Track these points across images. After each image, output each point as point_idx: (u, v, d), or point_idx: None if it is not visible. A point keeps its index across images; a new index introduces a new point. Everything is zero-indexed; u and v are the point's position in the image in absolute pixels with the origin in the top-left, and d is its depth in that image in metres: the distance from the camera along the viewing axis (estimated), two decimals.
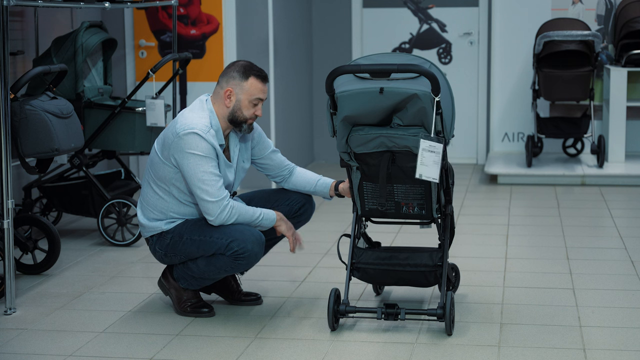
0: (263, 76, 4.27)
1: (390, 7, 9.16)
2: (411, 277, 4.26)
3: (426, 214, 4.22)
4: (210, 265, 4.25)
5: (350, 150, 4.14)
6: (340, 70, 3.99)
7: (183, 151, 4.14)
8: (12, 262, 4.49)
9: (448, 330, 4.11)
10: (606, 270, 5.21)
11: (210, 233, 4.20)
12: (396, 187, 4.17)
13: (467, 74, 9.11)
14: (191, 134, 4.13)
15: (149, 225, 4.33)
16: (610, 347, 3.98)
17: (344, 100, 4.02)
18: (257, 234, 4.20)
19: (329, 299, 4.15)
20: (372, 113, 4.02)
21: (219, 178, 4.17)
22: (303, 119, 8.86)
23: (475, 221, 6.42)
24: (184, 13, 7.21)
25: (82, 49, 5.77)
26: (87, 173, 5.81)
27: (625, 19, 8.26)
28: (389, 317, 4.15)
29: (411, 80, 3.97)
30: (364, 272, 4.29)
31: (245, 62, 4.29)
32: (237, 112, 4.24)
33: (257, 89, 4.24)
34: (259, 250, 4.20)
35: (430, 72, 3.90)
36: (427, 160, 3.97)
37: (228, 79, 4.25)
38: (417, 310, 4.19)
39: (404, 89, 3.93)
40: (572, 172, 7.96)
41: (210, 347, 4.04)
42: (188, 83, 7.26)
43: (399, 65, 3.94)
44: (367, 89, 3.97)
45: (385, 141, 4.05)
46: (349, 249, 4.30)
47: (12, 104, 4.90)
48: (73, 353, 3.97)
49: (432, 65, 4.06)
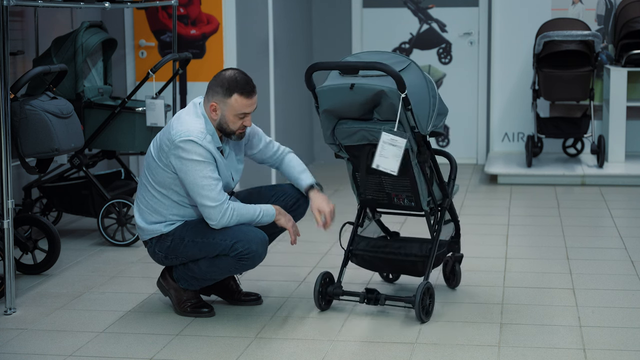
0: (248, 91, 4.20)
1: (390, 7, 9.16)
2: (401, 266, 4.49)
3: (415, 206, 4.38)
4: (213, 266, 4.25)
5: (339, 142, 4.36)
6: (315, 67, 4.28)
7: (181, 158, 4.14)
8: (12, 262, 4.49)
9: (418, 318, 4.24)
10: (606, 270, 5.21)
11: (212, 235, 4.20)
12: (384, 179, 4.35)
13: (467, 74, 9.11)
14: (187, 141, 4.13)
15: (148, 229, 4.33)
16: (610, 347, 3.98)
17: (321, 95, 4.27)
18: (260, 234, 4.21)
19: (316, 280, 4.42)
20: (349, 107, 4.24)
21: (218, 182, 4.17)
22: (303, 119, 8.86)
23: (475, 221, 6.42)
24: (184, 13, 7.21)
25: (82, 49, 5.77)
26: (87, 173, 5.81)
27: (625, 19, 8.26)
28: (369, 301, 4.36)
29: (380, 77, 4.16)
30: (360, 258, 4.56)
31: (230, 75, 4.21)
32: (224, 124, 4.24)
33: (241, 104, 4.20)
34: (263, 251, 4.21)
35: (393, 71, 4.06)
36: (387, 152, 4.14)
37: (213, 93, 4.22)
38: (394, 297, 4.34)
39: (372, 85, 4.13)
40: (572, 172, 7.96)
41: (210, 347, 4.04)
42: (188, 83, 7.26)
43: (366, 63, 4.15)
44: (340, 85, 4.21)
45: (367, 135, 4.25)
46: (350, 235, 4.56)
47: (12, 104, 4.90)
48: (73, 353, 3.97)
49: (412, 64, 4.21)
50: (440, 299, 4.64)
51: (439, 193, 4.44)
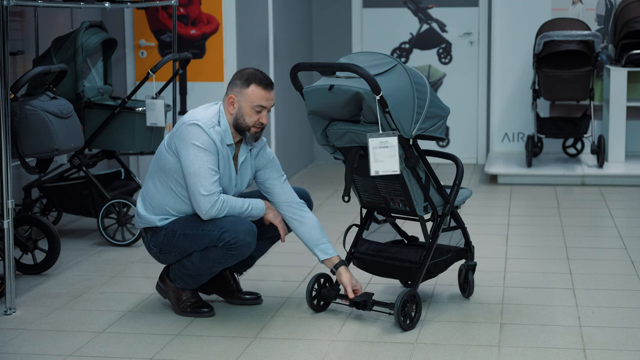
0: (266, 83, 4.26)
1: (390, 7, 9.16)
2: (396, 271, 4.42)
3: (410, 211, 4.30)
4: (203, 259, 4.26)
5: (332, 144, 4.34)
6: (298, 68, 4.29)
7: (184, 140, 4.18)
8: (12, 262, 4.49)
9: (397, 325, 4.17)
10: (606, 270, 5.21)
11: (202, 226, 4.23)
12: (378, 182, 4.30)
13: (467, 74, 9.11)
14: (194, 125, 4.18)
15: (144, 216, 4.36)
16: (610, 347, 3.98)
17: (306, 96, 4.27)
18: (248, 224, 4.22)
19: (309, 282, 4.42)
20: (332, 109, 4.21)
21: (215, 173, 4.19)
22: (303, 120, 8.85)
23: (475, 221, 6.42)
24: (184, 13, 7.21)
25: (82, 49, 5.77)
26: (87, 173, 5.81)
27: (625, 19, 8.26)
28: (358, 306, 4.33)
29: (359, 79, 4.08)
30: (361, 261, 4.53)
31: (251, 70, 4.30)
32: (240, 119, 4.26)
33: (258, 96, 4.24)
34: (251, 240, 4.21)
35: (366, 73, 3.98)
36: (381, 156, 4.07)
37: (232, 86, 4.28)
38: (381, 302, 4.29)
39: (348, 87, 4.09)
40: (572, 172, 7.97)
41: (210, 347, 4.04)
42: (188, 83, 7.26)
43: (341, 64, 4.12)
44: (320, 87, 4.19)
45: (354, 137, 4.22)
46: (355, 237, 4.55)
47: (12, 104, 4.90)
48: (73, 353, 3.97)
49: (398, 65, 4.14)
50: (441, 299, 4.64)
51: (439, 199, 4.33)
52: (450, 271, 4.69)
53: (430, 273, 4.39)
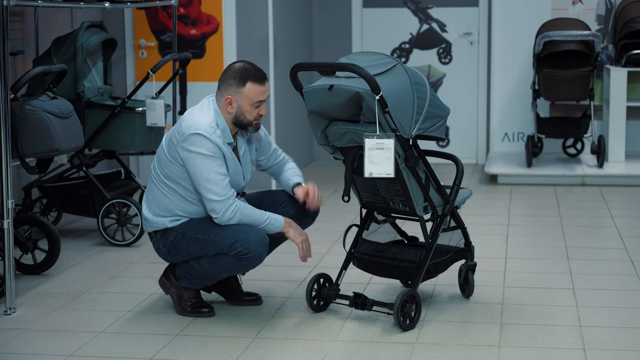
0: (260, 77, 4.25)
1: (390, 7, 9.16)
2: (396, 271, 4.42)
3: (410, 211, 4.30)
4: (213, 264, 4.25)
5: (332, 144, 4.33)
6: (298, 68, 4.28)
7: (189, 151, 4.16)
8: (12, 262, 4.49)
9: (397, 325, 4.17)
10: (606, 270, 5.21)
11: (214, 232, 4.20)
12: (378, 182, 4.29)
13: (467, 74, 9.11)
14: (196, 134, 4.15)
15: (154, 220, 4.34)
16: (610, 347, 3.98)
17: (306, 96, 4.25)
18: (261, 235, 4.20)
19: (309, 282, 4.43)
20: (332, 109, 4.20)
21: (225, 177, 4.18)
22: (303, 119, 8.84)
23: (475, 221, 6.42)
24: (184, 13, 7.21)
25: (82, 49, 5.77)
26: (87, 173, 5.81)
27: (625, 19, 8.26)
28: (357, 306, 4.33)
29: (359, 78, 4.07)
30: (360, 261, 4.52)
31: (241, 65, 4.26)
32: (241, 116, 4.25)
33: (256, 92, 4.24)
34: (262, 252, 4.20)
35: (366, 73, 3.98)
36: (376, 158, 4.06)
37: (226, 86, 4.24)
38: (380, 302, 4.29)
39: (348, 87, 4.07)
40: (572, 172, 7.97)
41: (210, 347, 4.04)
42: (188, 83, 7.26)
43: (341, 64, 4.11)
44: (320, 86, 4.18)
45: (354, 137, 4.21)
46: (355, 238, 4.54)
47: (12, 104, 4.90)
48: (73, 353, 3.97)
49: (398, 65, 4.13)
50: (441, 299, 4.64)
51: (439, 199, 4.33)
52: (450, 271, 4.69)
53: (430, 273, 4.39)
